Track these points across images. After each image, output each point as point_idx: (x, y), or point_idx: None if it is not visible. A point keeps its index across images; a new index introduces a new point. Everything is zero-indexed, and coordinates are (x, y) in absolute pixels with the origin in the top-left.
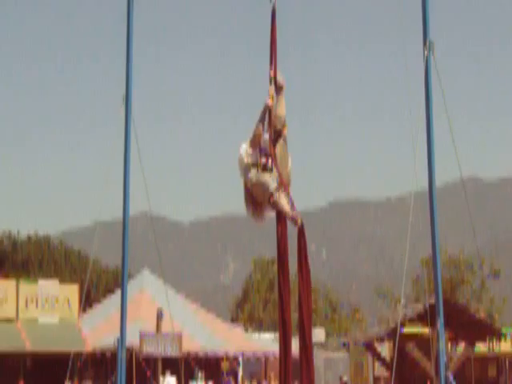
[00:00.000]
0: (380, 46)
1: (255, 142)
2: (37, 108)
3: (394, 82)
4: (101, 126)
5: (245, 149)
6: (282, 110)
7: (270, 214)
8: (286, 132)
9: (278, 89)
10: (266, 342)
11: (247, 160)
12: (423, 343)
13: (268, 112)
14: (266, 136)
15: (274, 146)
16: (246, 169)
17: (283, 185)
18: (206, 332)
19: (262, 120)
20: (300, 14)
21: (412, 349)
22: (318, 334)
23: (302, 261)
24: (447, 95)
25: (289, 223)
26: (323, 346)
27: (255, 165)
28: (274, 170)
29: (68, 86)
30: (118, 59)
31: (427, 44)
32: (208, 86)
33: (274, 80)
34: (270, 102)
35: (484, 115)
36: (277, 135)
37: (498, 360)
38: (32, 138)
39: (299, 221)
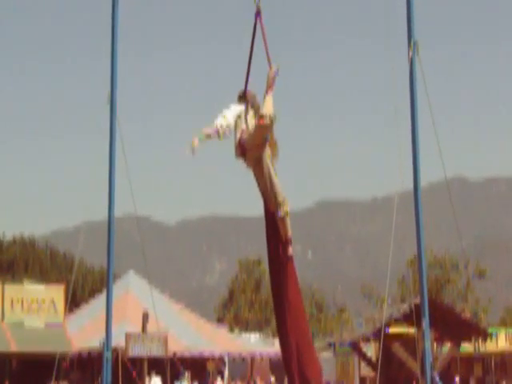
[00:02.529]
0: (365, 47)
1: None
2: (22, 109)
3: (380, 82)
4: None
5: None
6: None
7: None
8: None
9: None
10: (252, 343)
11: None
12: (409, 343)
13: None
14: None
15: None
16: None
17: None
18: (192, 332)
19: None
20: (283, 15)
21: (398, 349)
22: None
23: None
24: (432, 95)
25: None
26: None
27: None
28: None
29: (52, 86)
30: (103, 58)
31: (412, 44)
32: (194, 85)
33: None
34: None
35: (470, 115)
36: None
37: (483, 360)
38: (17, 139)
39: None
